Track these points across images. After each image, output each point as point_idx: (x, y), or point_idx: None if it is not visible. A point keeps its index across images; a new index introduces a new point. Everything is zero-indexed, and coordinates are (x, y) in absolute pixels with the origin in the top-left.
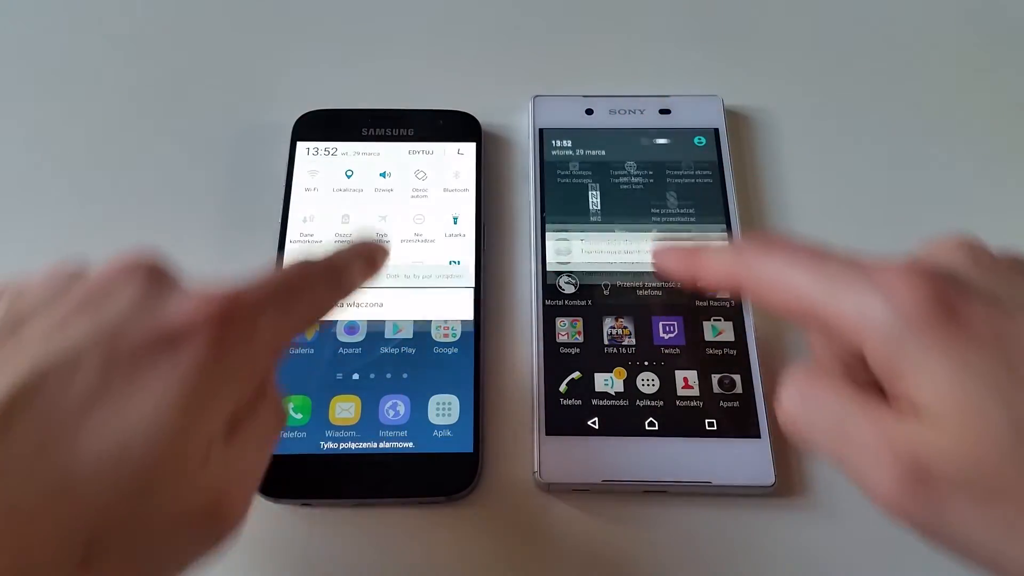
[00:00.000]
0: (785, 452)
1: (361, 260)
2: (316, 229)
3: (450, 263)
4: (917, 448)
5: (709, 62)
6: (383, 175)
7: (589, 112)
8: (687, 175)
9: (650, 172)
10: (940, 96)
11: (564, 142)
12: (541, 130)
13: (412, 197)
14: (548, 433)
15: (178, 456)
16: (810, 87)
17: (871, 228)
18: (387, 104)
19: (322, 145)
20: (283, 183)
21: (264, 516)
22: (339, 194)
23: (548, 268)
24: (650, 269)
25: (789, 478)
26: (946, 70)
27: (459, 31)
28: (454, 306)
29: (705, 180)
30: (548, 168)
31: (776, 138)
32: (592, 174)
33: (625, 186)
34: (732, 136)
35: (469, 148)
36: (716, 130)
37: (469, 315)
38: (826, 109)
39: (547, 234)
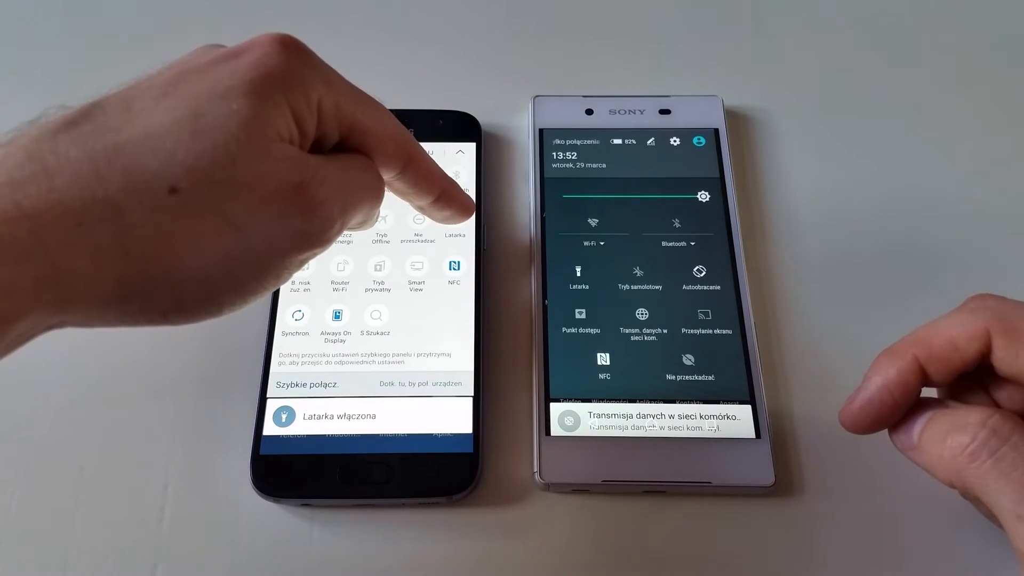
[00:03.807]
0: (785, 452)
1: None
2: None
3: (450, 264)
4: None
5: (709, 62)
6: None
7: (589, 112)
8: (687, 179)
9: (649, 178)
10: (940, 96)
11: (565, 141)
12: (541, 130)
13: None
14: (548, 433)
15: (244, 129)
16: (810, 87)
17: (872, 228)
18: (387, 104)
19: None
20: None
21: (264, 516)
22: None
23: (548, 269)
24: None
25: (789, 478)
26: (947, 69)
27: (459, 31)
28: (455, 308)
29: (704, 188)
30: (548, 184)
31: (776, 138)
32: (591, 188)
33: (624, 197)
34: (732, 136)
35: (469, 148)
36: (716, 130)
37: (470, 316)
38: (826, 109)
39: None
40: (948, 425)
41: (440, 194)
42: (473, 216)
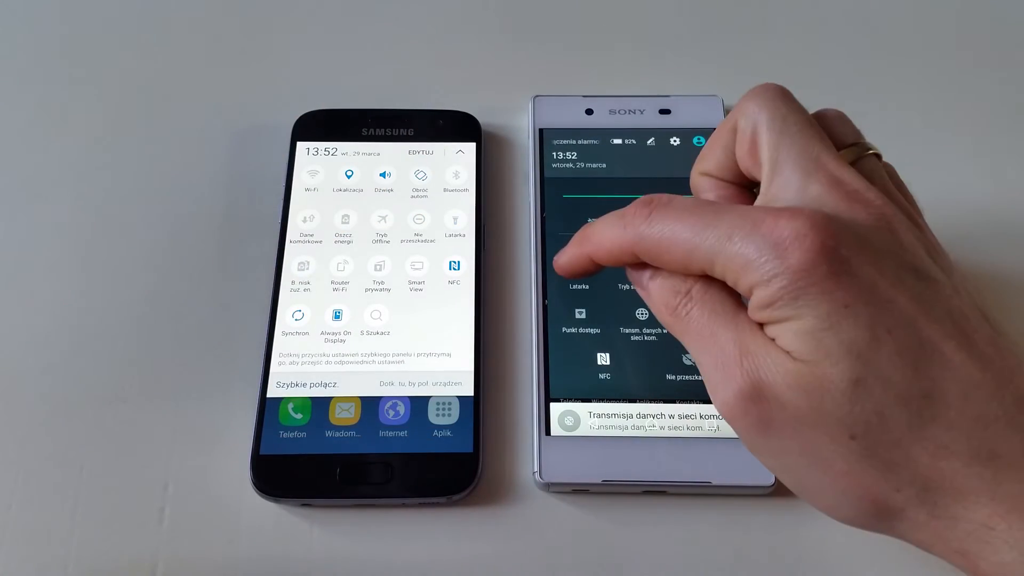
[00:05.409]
0: None
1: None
2: (316, 229)
3: (450, 264)
4: (764, 370)
5: (709, 62)
6: (383, 175)
7: (589, 112)
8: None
9: (649, 178)
10: (940, 96)
11: (565, 141)
12: (541, 130)
13: (412, 197)
14: (548, 433)
15: None
16: (810, 87)
17: None
18: (387, 104)
19: (322, 145)
20: (283, 183)
21: (264, 516)
22: (339, 194)
23: (547, 267)
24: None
25: None
26: (947, 69)
27: (459, 31)
28: (455, 308)
29: None
30: (548, 184)
31: None
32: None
33: (624, 197)
34: None
35: (469, 148)
36: None
37: (470, 316)
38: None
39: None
40: (668, 283)
41: None
42: (473, 216)
